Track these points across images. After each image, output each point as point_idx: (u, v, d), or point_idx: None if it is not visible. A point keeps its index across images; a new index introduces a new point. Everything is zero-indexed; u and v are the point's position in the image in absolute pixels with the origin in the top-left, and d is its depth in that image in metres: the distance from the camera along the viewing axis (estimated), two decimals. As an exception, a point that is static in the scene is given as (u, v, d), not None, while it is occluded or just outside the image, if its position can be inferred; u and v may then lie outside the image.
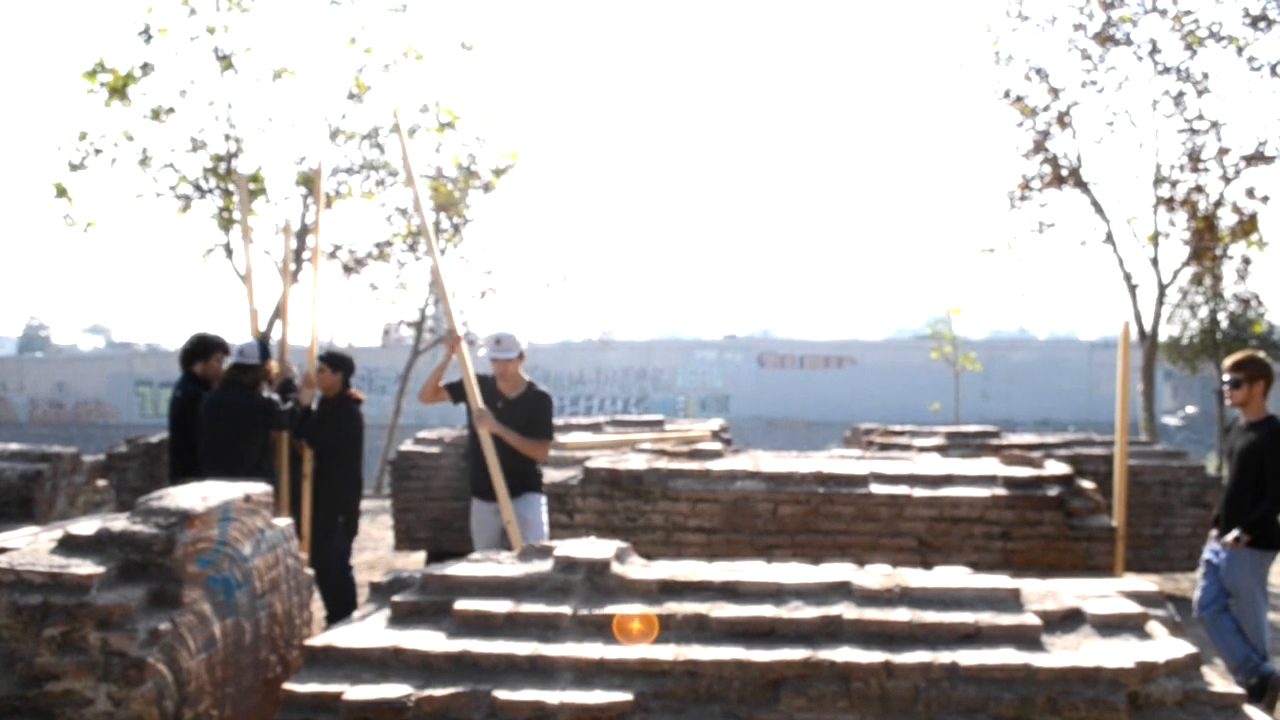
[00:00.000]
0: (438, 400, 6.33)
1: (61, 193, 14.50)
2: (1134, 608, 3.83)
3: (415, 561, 9.25)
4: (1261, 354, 6.00)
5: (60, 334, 70.28)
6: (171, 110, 14.64)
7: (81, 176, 14.62)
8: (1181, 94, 15.04)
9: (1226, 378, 5.87)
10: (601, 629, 3.68)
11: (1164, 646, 3.57)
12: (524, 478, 6.09)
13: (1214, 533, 5.89)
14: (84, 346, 66.44)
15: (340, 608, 6.56)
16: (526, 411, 6.10)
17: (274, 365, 6.80)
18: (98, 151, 14.52)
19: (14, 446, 8.33)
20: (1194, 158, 15.01)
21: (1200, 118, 14.99)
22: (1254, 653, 5.54)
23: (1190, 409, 42.06)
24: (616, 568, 4.00)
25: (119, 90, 14.27)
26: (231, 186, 14.71)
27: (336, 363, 6.93)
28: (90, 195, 16.97)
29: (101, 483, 8.90)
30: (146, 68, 14.43)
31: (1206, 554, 5.88)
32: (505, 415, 6.04)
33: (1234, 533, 5.59)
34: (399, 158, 16.34)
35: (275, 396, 6.59)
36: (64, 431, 40.91)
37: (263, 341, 6.91)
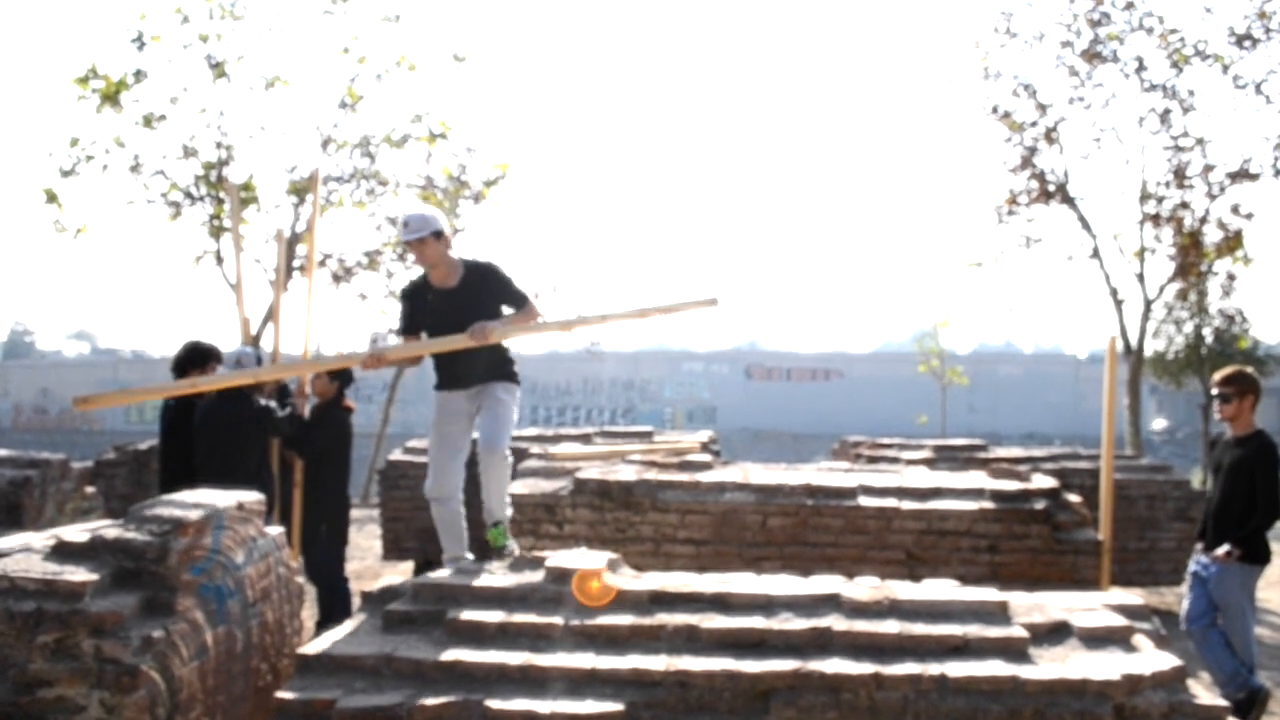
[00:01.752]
0: (414, 359, 5.78)
1: (52, 198, 14.49)
2: (1120, 621, 3.88)
3: (404, 571, 9.24)
4: (1249, 369, 6.04)
5: (45, 339, 69.92)
6: (163, 117, 14.65)
7: (72, 182, 14.63)
8: (1168, 111, 15.20)
9: (1216, 392, 5.90)
10: (593, 639, 3.70)
11: (1150, 659, 3.62)
12: (499, 364, 5.46)
13: (1199, 546, 5.93)
14: (69, 352, 66.12)
15: (334, 618, 6.55)
16: (480, 292, 5.30)
17: None
18: (89, 158, 14.52)
19: (2, 453, 8.32)
20: (1180, 174, 15.16)
21: (1186, 135, 15.15)
22: (1242, 666, 5.58)
23: (1162, 422, 42.25)
24: (608, 579, 4.03)
25: (111, 97, 14.28)
26: (223, 194, 14.71)
27: (332, 370, 6.95)
28: (81, 201, 16.95)
29: (90, 489, 8.89)
30: (139, 75, 14.45)
31: (1193, 567, 5.91)
32: (451, 304, 5.28)
33: (1224, 547, 5.61)
34: (389, 169, 16.36)
35: (273, 404, 6.58)
36: (48, 438, 40.67)
37: (255, 349, 6.91)
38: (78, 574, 3.47)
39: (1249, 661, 5.61)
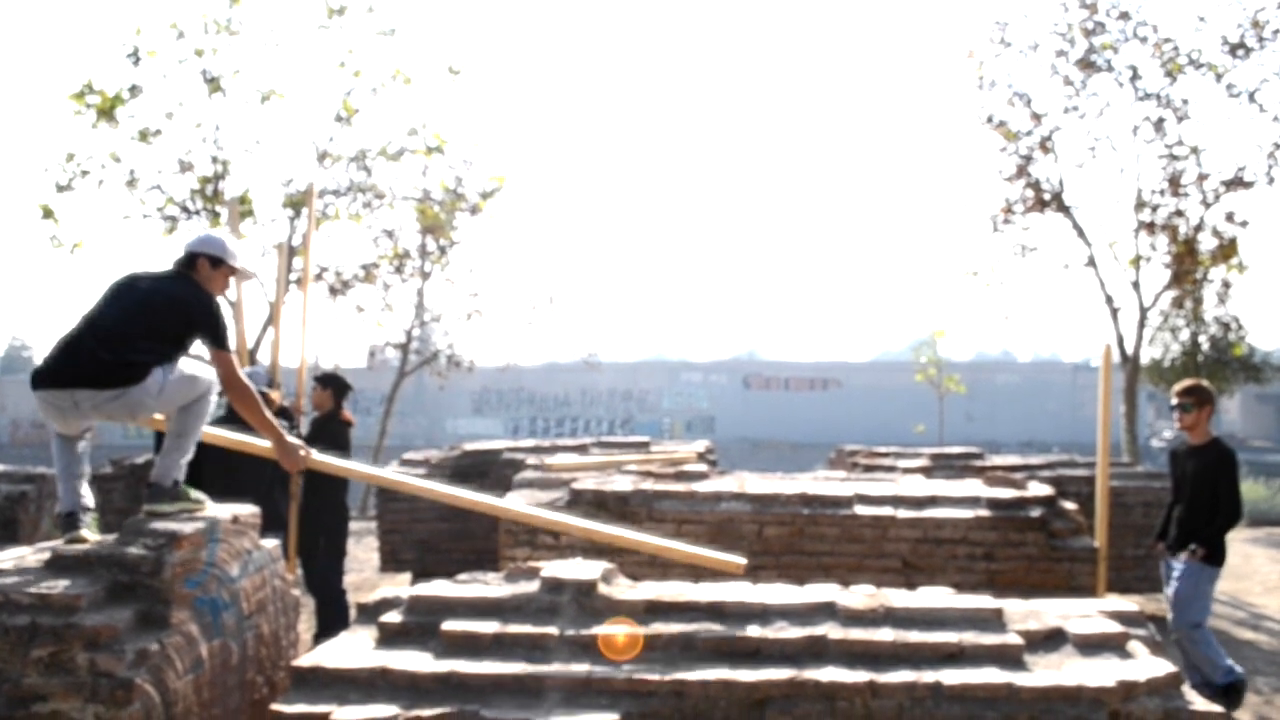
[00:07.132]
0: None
1: (48, 214, 14.48)
2: (1115, 627, 3.88)
3: (401, 582, 9.23)
4: (1206, 382, 6.40)
5: (42, 354, 69.69)
6: (159, 132, 14.64)
7: (68, 197, 14.61)
8: (1162, 120, 15.24)
9: (1175, 403, 6.31)
10: (589, 649, 3.70)
11: (1145, 665, 3.62)
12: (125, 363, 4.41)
13: (1160, 546, 6.36)
14: (66, 367, 65.91)
15: (332, 630, 6.53)
16: None
17: (275, 394, 6.71)
18: (85, 173, 14.51)
19: (-1, 468, 8.31)
20: (1174, 183, 15.19)
21: (1180, 143, 15.19)
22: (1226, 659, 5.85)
23: (1151, 424, 42.36)
24: (603, 588, 4.03)
25: (107, 112, 14.29)
26: (219, 208, 14.72)
27: (327, 380, 6.96)
28: (77, 216, 16.84)
29: (86, 504, 8.88)
30: (134, 90, 14.45)
31: (1164, 570, 6.28)
32: None
33: (1191, 546, 5.99)
34: (386, 182, 16.40)
35: (284, 424, 6.54)
36: (45, 453, 40.41)
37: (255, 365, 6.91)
38: (73, 588, 3.48)
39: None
